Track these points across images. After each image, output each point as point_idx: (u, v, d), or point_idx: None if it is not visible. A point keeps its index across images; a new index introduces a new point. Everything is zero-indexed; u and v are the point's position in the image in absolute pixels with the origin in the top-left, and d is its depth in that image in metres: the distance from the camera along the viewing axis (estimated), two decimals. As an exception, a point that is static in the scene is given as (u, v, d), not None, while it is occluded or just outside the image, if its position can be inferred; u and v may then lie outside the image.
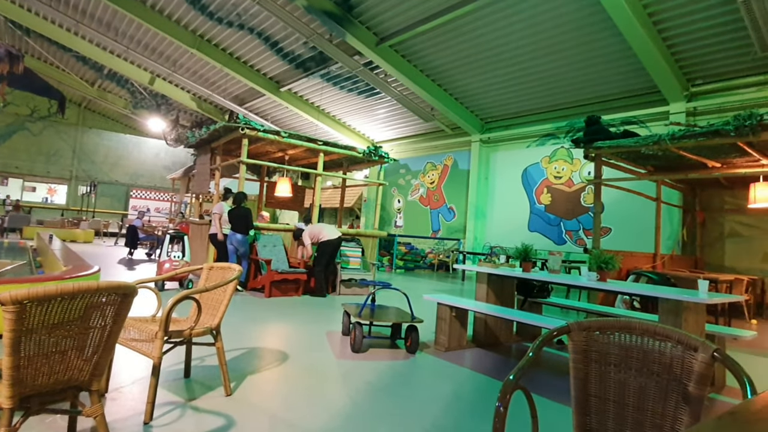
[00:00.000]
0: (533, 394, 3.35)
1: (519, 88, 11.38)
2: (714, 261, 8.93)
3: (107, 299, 1.74)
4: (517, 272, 4.36)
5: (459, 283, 10.91)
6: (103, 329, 1.80)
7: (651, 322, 1.57)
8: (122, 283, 1.77)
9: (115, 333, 1.86)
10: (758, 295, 7.84)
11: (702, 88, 9.18)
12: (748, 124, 5.13)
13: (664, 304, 3.33)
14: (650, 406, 1.54)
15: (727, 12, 7.40)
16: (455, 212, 14.44)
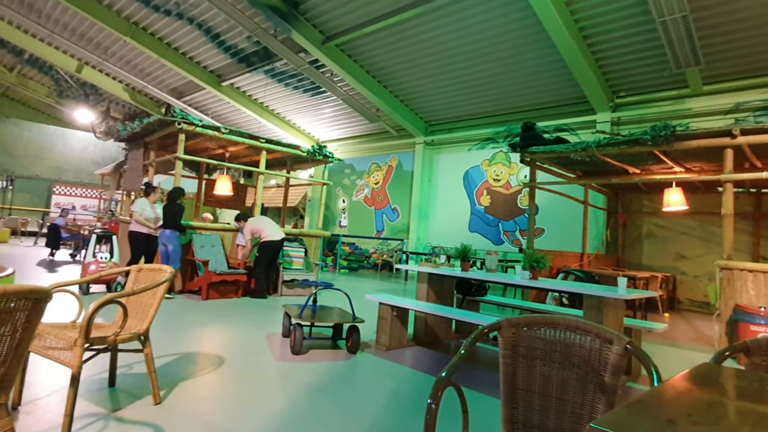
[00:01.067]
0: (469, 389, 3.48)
1: (462, 92, 11.73)
2: (633, 259, 9.71)
3: (17, 305, 1.60)
4: (457, 272, 4.49)
5: (402, 282, 11.06)
6: (12, 337, 1.65)
7: (573, 318, 1.68)
8: (34, 286, 1.63)
9: (25, 341, 1.71)
10: (671, 290, 8.63)
11: (625, 100, 9.94)
12: (663, 135, 5.62)
13: (588, 300, 3.57)
14: (571, 397, 1.64)
15: (647, 31, 8.05)
16: (399, 213, 14.63)
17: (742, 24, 7.43)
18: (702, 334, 6.25)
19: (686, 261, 9.01)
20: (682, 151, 6.11)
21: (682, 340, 5.73)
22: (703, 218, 8.73)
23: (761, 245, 8.21)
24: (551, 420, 1.66)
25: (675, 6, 7.20)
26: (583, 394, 1.63)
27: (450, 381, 1.44)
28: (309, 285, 7.58)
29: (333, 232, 15.75)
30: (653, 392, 1.22)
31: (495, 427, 1.66)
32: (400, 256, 13.37)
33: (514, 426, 1.66)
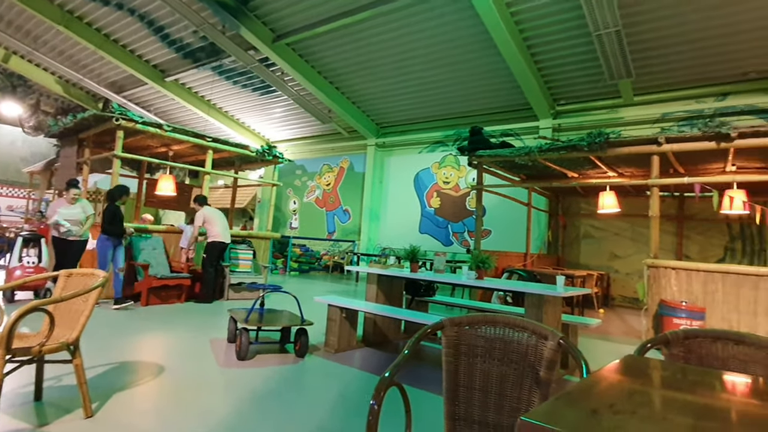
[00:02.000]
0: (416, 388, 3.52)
1: (413, 96, 11.90)
2: (572, 259, 10.26)
3: None
4: (405, 272, 4.55)
5: (353, 284, 11.05)
6: None
7: (512, 316, 1.75)
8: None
9: (-68, 355, 1.56)
10: (605, 287, 9.19)
11: (565, 108, 10.48)
12: (598, 141, 5.98)
13: (529, 298, 3.73)
14: (509, 392, 1.71)
15: (585, 43, 8.54)
16: (350, 214, 14.61)
17: (669, 41, 8.05)
18: (632, 328, 6.70)
19: (619, 260, 9.64)
20: (615, 157, 6.53)
21: (614, 334, 6.12)
22: (633, 220, 9.37)
23: (684, 245, 8.94)
24: (491, 415, 1.72)
25: (609, 21, 7.69)
26: (520, 388, 1.71)
27: (393, 381, 1.47)
28: (257, 288, 7.39)
29: (283, 233, 15.48)
30: (581, 384, 1.29)
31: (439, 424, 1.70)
32: (351, 258, 13.35)
33: (456, 422, 1.71)
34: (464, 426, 1.71)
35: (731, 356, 1.81)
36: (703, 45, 7.94)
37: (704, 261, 8.33)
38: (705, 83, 8.79)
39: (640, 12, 7.60)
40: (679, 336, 1.84)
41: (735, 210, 5.99)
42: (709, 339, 1.83)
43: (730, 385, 1.46)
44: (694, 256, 8.75)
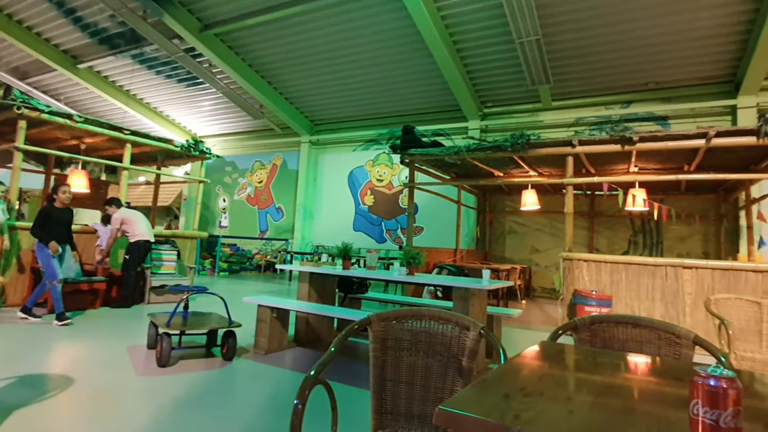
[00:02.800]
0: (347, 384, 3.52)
1: (347, 94, 11.88)
2: (498, 253, 10.81)
3: None
4: (338, 270, 4.54)
5: (286, 283, 10.84)
6: None
7: (436, 309, 1.80)
8: None
9: None
10: (527, 280, 9.79)
11: (492, 110, 10.99)
12: (520, 142, 6.35)
13: (457, 291, 3.88)
14: (433, 383, 1.76)
15: (509, 50, 9.00)
16: (283, 212, 14.30)
17: (582, 51, 8.72)
18: (550, 317, 7.20)
19: (539, 254, 10.31)
20: (535, 158, 6.96)
21: (534, 323, 6.53)
22: (552, 216, 10.06)
23: (594, 239, 9.76)
24: (416, 406, 1.77)
25: (530, 30, 8.17)
26: (444, 378, 1.77)
27: (318, 379, 1.46)
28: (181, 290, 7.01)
29: (212, 232, 14.82)
30: (497, 371, 1.37)
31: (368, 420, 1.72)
32: (284, 257, 13.07)
33: (383, 416, 1.74)
34: (391, 419, 1.74)
35: (630, 338, 2.00)
36: (612, 56, 8.69)
37: (611, 253, 9.16)
38: (613, 91, 9.63)
39: (558, 23, 8.15)
40: (586, 322, 2.01)
41: (637, 207, 6.63)
42: (611, 323, 2.01)
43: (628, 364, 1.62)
44: (603, 249, 9.58)
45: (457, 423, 0.95)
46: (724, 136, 5.41)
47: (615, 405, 1.14)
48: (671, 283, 5.22)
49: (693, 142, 5.56)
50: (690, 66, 8.60)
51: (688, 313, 5.13)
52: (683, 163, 6.99)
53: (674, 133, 5.69)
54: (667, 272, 5.26)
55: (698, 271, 5.12)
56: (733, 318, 3.45)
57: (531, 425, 0.91)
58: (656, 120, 9.37)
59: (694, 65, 8.56)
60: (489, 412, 0.96)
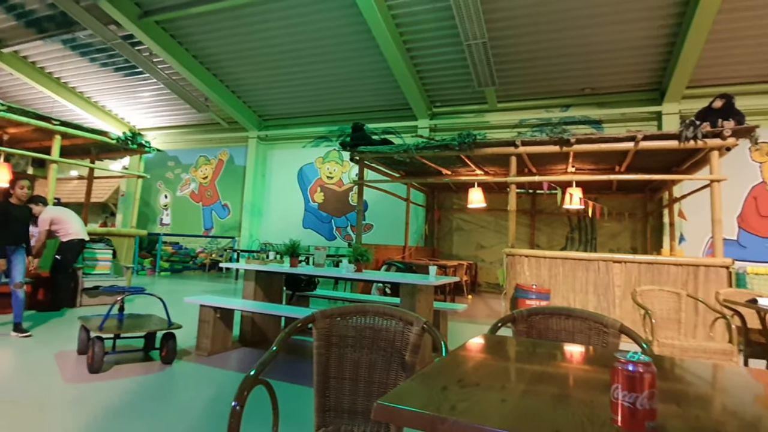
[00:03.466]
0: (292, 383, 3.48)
1: (297, 89, 11.67)
2: (446, 250, 11.07)
3: None
4: (285, 267, 4.46)
5: (233, 282, 10.52)
6: None
7: (381, 305, 1.82)
8: None
9: None
10: (473, 275, 10.10)
11: (441, 110, 11.21)
12: (467, 142, 6.52)
13: (404, 288, 3.93)
14: (377, 378, 1.78)
15: (458, 51, 9.21)
16: (230, 209, 13.86)
17: (526, 56, 9.08)
18: (494, 311, 7.46)
19: (485, 250, 10.67)
20: (481, 157, 7.18)
21: (479, 317, 6.75)
22: (496, 214, 10.43)
23: (535, 235, 10.23)
24: (360, 402, 1.78)
25: (477, 33, 8.40)
26: (388, 373, 1.79)
27: (258, 379, 1.43)
28: (116, 291, 6.63)
29: (152, 230, 14.11)
30: (436, 364, 1.40)
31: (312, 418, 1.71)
32: (230, 255, 12.68)
33: (326, 414, 1.73)
34: (334, 416, 1.74)
35: (563, 329, 2.11)
36: (552, 62, 9.12)
37: (551, 249, 9.64)
38: (553, 95, 10.11)
39: (503, 28, 8.44)
40: (523, 314, 2.10)
41: (574, 205, 7.01)
42: (546, 315, 2.12)
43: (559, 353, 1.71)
44: (543, 245, 10.06)
45: (395, 417, 0.96)
46: (650, 139, 5.83)
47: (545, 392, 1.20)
48: (603, 277, 5.58)
49: (623, 144, 5.95)
50: (621, 74, 9.19)
51: (618, 304, 5.50)
52: (615, 164, 7.47)
53: (607, 136, 6.07)
54: (599, 266, 5.62)
55: (626, 265, 5.51)
56: (656, 308, 3.73)
57: (465, 415, 0.94)
58: (592, 123, 9.95)
59: (625, 73, 9.16)
60: (426, 405, 0.98)
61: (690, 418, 0.93)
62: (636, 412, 0.86)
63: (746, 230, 8.70)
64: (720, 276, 5.07)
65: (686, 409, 0.99)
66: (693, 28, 7.32)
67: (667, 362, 1.46)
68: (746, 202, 8.74)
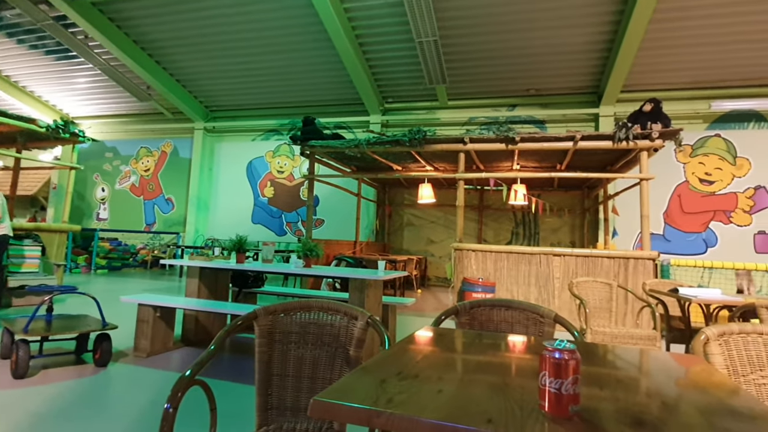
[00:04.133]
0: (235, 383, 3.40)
1: (246, 80, 11.33)
2: (397, 245, 11.19)
3: None
4: (231, 264, 4.34)
5: (177, 280, 10.10)
6: None
7: (326, 300, 1.81)
8: None
9: None
10: (423, 270, 10.29)
11: (392, 106, 11.27)
12: (417, 138, 6.60)
13: (353, 282, 3.93)
14: (321, 374, 1.77)
15: (410, 48, 9.28)
16: (174, 204, 13.27)
17: (475, 55, 9.30)
18: (443, 304, 7.64)
19: (434, 245, 10.88)
20: (431, 153, 7.30)
21: (428, 311, 6.88)
22: (446, 209, 10.67)
23: (483, 230, 10.56)
24: (303, 399, 1.77)
25: (429, 30, 8.51)
26: (332, 369, 1.79)
27: (194, 380, 1.39)
28: (45, 291, 6.18)
29: (88, 225, 13.26)
30: (377, 357, 1.42)
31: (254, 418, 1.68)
32: (174, 251, 12.15)
33: (268, 412, 1.71)
34: (277, 414, 1.72)
35: (503, 320, 2.20)
36: (500, 62, 9.40)
37: (497, 243, 9.98)
38: (500, 95, 10.44)
39: (454, 27, 8.60)
40: (466, 306, 2.16)
41: (518, 201, 7.30)
42: (487, 307, 2.19)
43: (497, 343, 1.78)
44: (490, 240, 10.40)
45: (332, 412, 0.97)
46: (588, 139, 6.17)
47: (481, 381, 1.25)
48: (544, 269, 5.86)
49: (563, 144, 6.26)
50: (563, 77, 9.64)
51: (557, 295, 5.79)
52: (556, 163, 7.84)
53: (549, 136, 6.35)
54: (541, 260, 5.89)
55: (565, 258, 5.81)
56: (590, 298, 3.97)
57: (402, 407, 0.95)
58: (536, 123, 10.38)
59: (566, 76, 9.61)
60: (363, 399, 0.98)
61: (612, 400, 1.00)
62: (561, 397, 0.90)
63: (671, 225, 9.44)
64: (647, 268, 5.46)
65: (609, 392, 1.06)
66: (627, 36, 7.79)
67: (599, 349, 1.55)
68: (671, 200, 9.48)
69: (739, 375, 1.48)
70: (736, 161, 9.23)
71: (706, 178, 9.37)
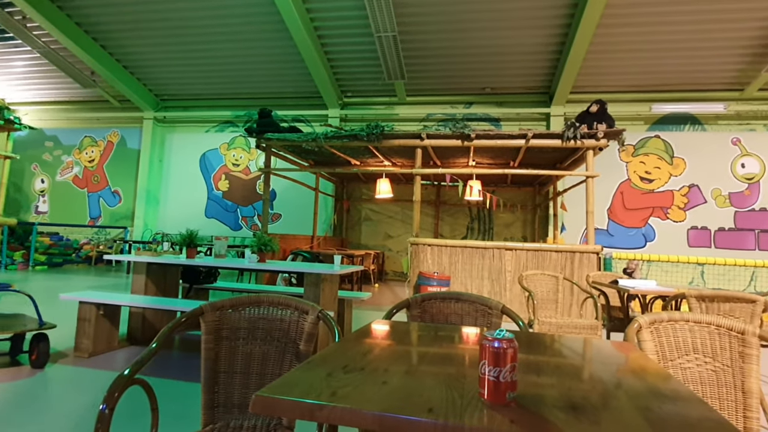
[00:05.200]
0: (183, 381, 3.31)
1: (201, 69, 10.91)
2: (354, 240, 11.19)
3: None
4: (181, 259, 4.19)
5: (124, 276, 9.65)
6: None
7: (277, 294, 1.79)
8: None
9: None
10: (380, 264, 10.35)
11: (351, 100, 11.21)
12: (375, 133, 6.62)
13: (308, 277, 3.90)
14: (270, 370, 1.75)
15: (369, 43, 9.25)
16: (121, 196, 12.64)
17: (433, 52, 9.40)
18: (399, 298, 7.72)
19: (392, 239, 10.97)
20: (389, 148, 7.33)
21: (384, 305, 6.94)
22: (403, 205, 10.77)
23: (439, 225, 10.74)
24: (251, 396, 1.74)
25: (388, 26, 8.51)
26: (281, 365, 1.77)
27: (134, 379, 1.34)
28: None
29: (25, 219, 12.40)
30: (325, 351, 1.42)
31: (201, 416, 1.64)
32: (121, 246, 11.60)
33: (215, 410, 1.67)
34: (223, 412, 1.69)
35: (453, 312, 2.25)
36: (457, 60, 9.55)
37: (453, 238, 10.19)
38: (457, 92, 10.62)
39: (413, 23, 8.65)
40: (417, 300, 2.20)
41: (474, 197, 7.47)
42: (438, 300, 2.24)
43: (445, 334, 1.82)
44: (446, 235, 10.61)
45: (274, 407, 0.96)
46: (539, 138, 6.40)
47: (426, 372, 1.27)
48: (496, 263, 6.04)
49: (516, 141, 6.46)
50: (517, 77, 9.92)
51: (509, 288, 6.00)
52: (510, 160, 8.08)
53: (503, 133, 6.53)
54: (494, 254, 6.07)
55: (516, 252, 6.02)
56: (538, 290, 4.13)
57: (345, 400, 0.96)
58: (491, 121, 10.64)
59: (520, 76, 9.91)
60: (306, 393, 0.98)
61: (549, 386, 1.05)
62: (499, 384, 0.94)
63: (614, 221, 9.98)
64: (591, 261, 5.75)
65: (547, 379, 1.11)
66: (577, 39, 8.12)
67: (545, 338, 1.62)
68: (615, 197, 10.01)
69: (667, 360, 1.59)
70: (673, 161, 9.86)
71: (646, 177, 9.96)
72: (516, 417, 0.89)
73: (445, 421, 0.86)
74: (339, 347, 1.50)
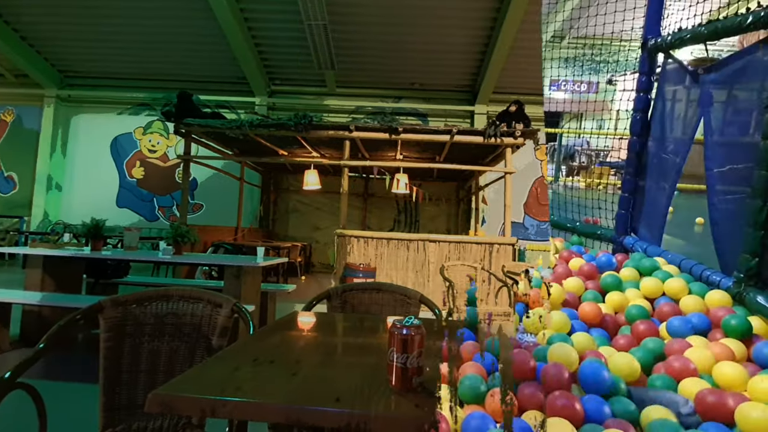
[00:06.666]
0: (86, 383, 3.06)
1: (113, 45, 10.00)
2: (281, 231, 10.97)
3: None
4: (85, 252, 3.85)
5: (19, 271, 8.67)
6: None
7: (186, 287, 1.70)
8: None
9: None
10: (307, 256, 10.25)
11: (280, 88, 10.91)
12: (303, 123, 6.50)
13: (228, 270, 3.77)
14: (179, 367, 1.67)
15: (299, 30, 9.01)
16: (16, 183, 11.33)
17: (364, 44, 9.40)
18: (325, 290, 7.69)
19: (319, 231, 10.88)
20: (317, 139, 7.24)
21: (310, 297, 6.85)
22: (331, 196, 10.68)
23: (367, 217, 10.84)
24: (155, 395, 1.65)
25: (318, 14, 8.36)
26: (192, 361, 1.69)
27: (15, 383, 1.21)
28: None
29: None
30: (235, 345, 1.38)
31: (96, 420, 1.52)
32: (16, 238, 10.42)
33: (115, 412, 1.57)
34: (126, 414, 1.58)
35: (374, 302, 2.29)
36: (387, 54, 9.64)
37: (381, 230, 10.31)
38: (387, 86, 10.72)
39: (343, 13, 8.57)
40: (338, 290, 2.21)
41: (400, 190, 7.60)
42: (359, 291, 2.27)
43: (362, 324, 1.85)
44: (374, 227, 10.72)
45: (171, 405, 0.92)
46: (462, 134, 6.66)
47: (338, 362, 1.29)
48: (420, 255, 6.23)
49: (441, 137, 6.67)
50: (444, 74, 10.22)
51: (431, 278, 6.20)
52: (436, 155, 8.32)
53: (429, 128, 6.72)
54: (418, 246, 6.25)
55: (439, 245, 6.24)
56: (458, 280, 4.32)
57: (250, 394, 0.94)
58: (419, 116, 10.88)
59: (448, 74, 10.21)
60: (208, 389, 0.95)
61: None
62: (406, 370, 0.97)
63: (529, 215, 10.69)
64: (507, 252, 6.11)
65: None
66: (499, 41, 8.53)
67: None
68: (530, 192, 10.71)
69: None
70: (583, 160, 10.73)
71: (557, 175, 10.76)
72: (421, 401, 0.93)
73: (351, 409, 0.88)
74: (251, 340, 1.46)
